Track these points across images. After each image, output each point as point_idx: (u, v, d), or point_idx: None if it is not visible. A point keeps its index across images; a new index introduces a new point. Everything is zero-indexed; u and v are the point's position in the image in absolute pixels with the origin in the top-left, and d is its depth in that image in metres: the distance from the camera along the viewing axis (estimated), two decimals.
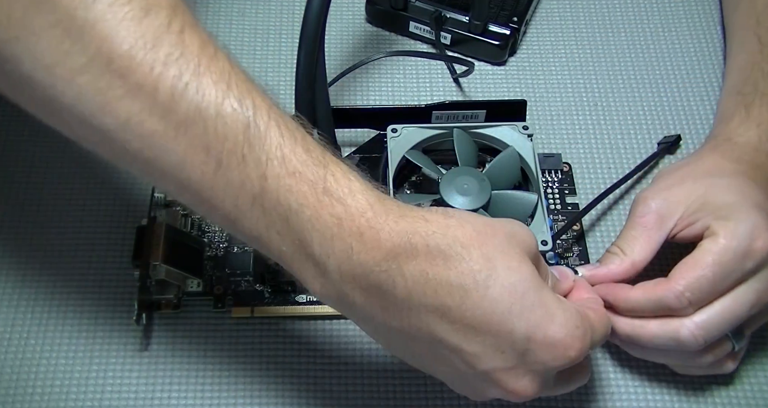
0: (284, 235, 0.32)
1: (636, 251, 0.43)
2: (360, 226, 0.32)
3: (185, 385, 0.45)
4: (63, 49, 0.29)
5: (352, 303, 0.34)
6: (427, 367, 0.37)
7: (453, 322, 0.33)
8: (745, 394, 0.46)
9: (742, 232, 0.40)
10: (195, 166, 0.31)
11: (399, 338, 0.35)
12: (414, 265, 0.32)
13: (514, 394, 0.35)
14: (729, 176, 0.44)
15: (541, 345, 0.34)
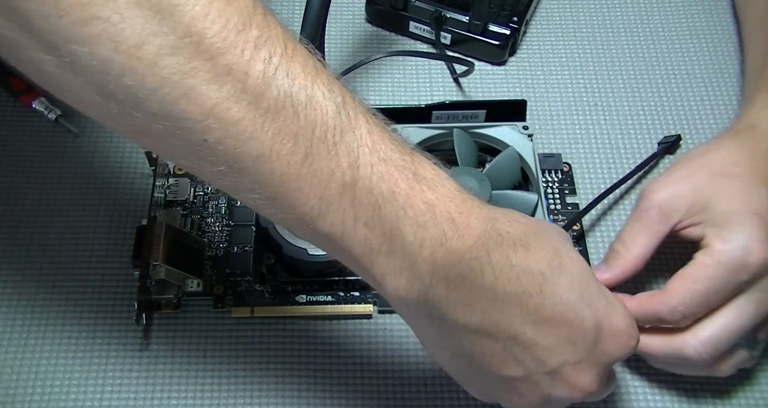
0: (373, 226, 0.31)
1: (638, 246, 0.44)
2: (451, 212, 0.31)
3: (185, 385, 0.45)
4: (150, 28, 0.26)
5: (433, 299, 0.32)
6: (482, 377, 0.36)
7: (530, 313, 0.33)
8: (745, 394, 0.46)
9: (736, 246, 0.40)
10: (281, 157, 0.29)
11: (468, 341, 0.34)
12: (500, 252, 0.32)
13: (580, 391, 0.35)
14: (738, 176, 0.43)
15: (608, 334, 0.35)
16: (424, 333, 0.35)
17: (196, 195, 0.51)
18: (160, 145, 0.30)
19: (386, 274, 0.32)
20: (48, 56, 0.27)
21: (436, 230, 0.31)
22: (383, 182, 0.30)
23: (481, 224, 0.32)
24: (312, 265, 0.46)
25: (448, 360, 0.36)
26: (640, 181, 0.54)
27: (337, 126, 0.30)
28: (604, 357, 0.35)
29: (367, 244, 0.31)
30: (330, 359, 0.46)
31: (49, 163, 0.53)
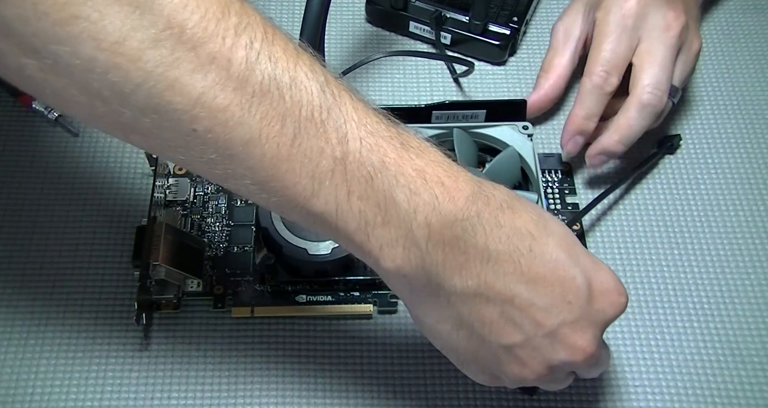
0: (366, 198, 0.31)
1: (555, 64, 0.54)
2: (440, 176, 0.32)
3: (185, 385, 0.45)
4: (130, 23, 0.26)
5: (430, 265, 0.33)
6: (483, 349, 0.36)
7: (523, 272, 0.34)
8: (745, 394, 0.46)
9: (612, 6, 0.50)
10: (270, 139, 0.29)
11: (467, 308, 0.34)
12: (488, 212, 0.33)
13: (581, 352, 0.35)
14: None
15: (599, 291, 0.35)
16: (422, 309, 0.36)
17: (196, 195, 0.51)
18: (149, 140, 0.30)
19: (383, 246, 0.32)
20: (29, 60, 0.27)
21: (428, 194, 0.32)
22: (373, 154, 0.31)
23: (469, 186, 0.33)
24: (312, 265, 0.46)
25: (447, 334, 0.36)
26: (640, 181, 0.54)
27: (323, 104, 0.30)
28: (599, 315, 0.36)
29: (362, 218, 0.32)
30: (330, 359, 0.46)
31: (49, 163, 0.53)
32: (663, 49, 0.49)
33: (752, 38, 0.61)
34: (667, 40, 0.49)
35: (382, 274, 0.34)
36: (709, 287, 0.50)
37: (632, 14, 0.50)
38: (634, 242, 0.51)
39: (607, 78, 0.49)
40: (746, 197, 0.53)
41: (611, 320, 0.36)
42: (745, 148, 0.55)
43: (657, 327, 0.48)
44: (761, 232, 0.52)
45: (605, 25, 0.50)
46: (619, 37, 0.50)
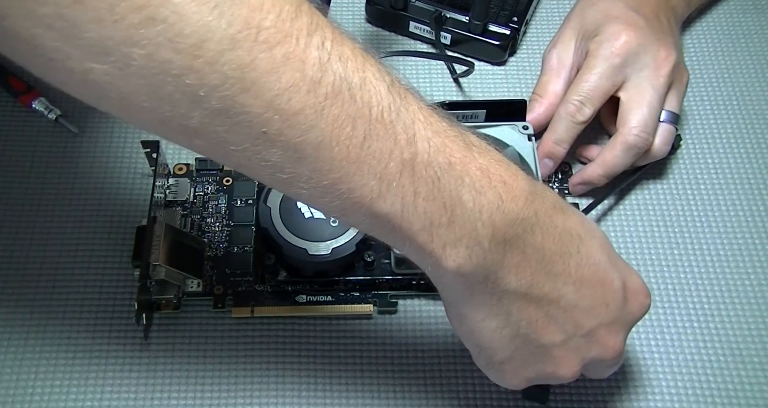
0: (433, 198, 0.31)
1: (549, 91, 0.54)
2: (502, 175, 0.33)
3: (185, 385, 0.45)
4: (208, 25, 0.25)
5: (490, 264, 0.33)
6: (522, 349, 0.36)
7: (571, 273, 0.35)
8: (745, 394, 0.46)
9: (604, 41, 0.51)
10: (341, 142, 0.29)
11: (516, 307, 0.35)
12: (544, 212, 0.34)
13: (612, 350, 0.37)
14: (598, 3, 0.54)
15: (631, 293, 0.37)
16: (470, 307, 0.35)
17: (196, 195, 0.51)
18: (214, 146, 0.29)
19: (446, 245, 0.32)
20: (97, 64, 0.26)
21: (492, 194, 0.32)
22: (440, 154, 0.31)
23: (528, 185, 0.33)
24: (312, 265, 0.46)
25: (491, 332, 0.36)
26: (640, 181, 0.54)
27: (392, 104, 0.30)
28: (630, 316, 0.38)
29: (428, 218, 0.31)
30: (330, 359, 0.46)
31: (49, 163, 0.53)
32: (651, 91, 0.50)
33: (752, 38, 0.61)
34: (657, 80, 0.50)
35: (437, 274, 0.34)
36: (709, 287, 0.50)
37: (622, 52, 0.50)
38: (634, 242, 0.51)
39: (581, 108, 0.50)
40: (746, 197, 0.53)
41: (638, 320, 0.38)
42: (745, 148, 0.55)
43: (657, 327, 0.48)
44: (761, 232, 0.52)
45: (594, 58, 0.51)
46: (604, 71, 0.50)
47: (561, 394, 0.45)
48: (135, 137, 0.54)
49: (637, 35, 0.50)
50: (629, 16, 0.52)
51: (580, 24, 0.54)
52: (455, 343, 0.47)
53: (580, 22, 0.54)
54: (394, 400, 0.45)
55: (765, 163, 0.55)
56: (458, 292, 0.35)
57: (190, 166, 0.52)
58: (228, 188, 0.51)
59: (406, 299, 0.48)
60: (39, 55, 0.26)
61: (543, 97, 0.54)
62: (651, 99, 0.50)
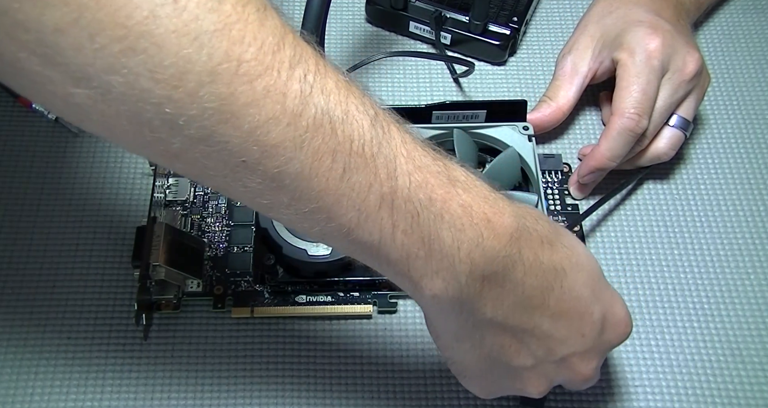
0: (411, 233, 0.31)
1: (560, 96, 0.53)
2: (486, 213, 0.32)
3: (185, 385, 0.45)
4: (189, 56, 0.25)
5: (467, 296, 0.33)
6: (492, 369, 0.37)
7: (550, 307, 0.35)
8: (745, 394, 0.46)
9: (636, 47, 0.50)
10: (320, 174, 0.29)
11: (490, 334, 0.35)
12: (529, 249, 0.34)
13: (583, 378, 0.38)
14: (615, 11, 0.53)
15: (610, 324, 0.37)
16: (445, 327, 0.36)
17: (196, 195, 0.51)
18: (194, 169, 0.29)
19: (423, 277, 0.32)
20: (77, 90, 0.26)
21: (473, 232, 0.32)
22: (421, 190, 0.31)
23: (513, 222, 0.33)
24: (312, 265, 0.46)
25: (463, 352, 0.37)
26: (641, 184, 0.54)
27: (374, 138, 0.30)
28: (606, 345, 0.38)
29: (405, 250, 0.31)
30: (330, 359, 0.46)
31: (49, 163, 0.53)
32: (667, 95, 0.50)
33: (752, 38, 0.61)
34: (676, 83, 0.50)
35: (415, 296, 0.34)
36: (709, 287, 0.50)
37: (658, 55, 0.49)
38: (635, 242, 0.51)
39: (639, 120, 0.49)
40: (746, 197, 0.53)
41: (613, 348, 0.39)
42: (745, 149, 0.55)
43: (657, 327, 0.48)
44: (761, 232, 0.52)
45: (632, 65, 0.50)
46: (648, 77, 0.49)
47: (561, 395, 0.46)
48: None
49: (666, 38, 0.50)
50: (653, 19, 0.51)
51: (600, 32, 0.53)
52: None
53: (600, 29, 0.53)
54: (394, 400, 0.45)
55: (765, 163, 0.55)
56: (435, 314, 0.36)
57: None
58: None
59: (406, 299, 0.48)
60: (23, 77, 0.26)
61: (553, 101, 0.53)
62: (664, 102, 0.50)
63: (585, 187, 0.52)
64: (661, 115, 0.50)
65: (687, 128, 0.52)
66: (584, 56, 0.53)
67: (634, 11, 0.52)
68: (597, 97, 0.57)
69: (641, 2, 0.53)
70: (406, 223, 0.31)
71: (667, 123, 0.51)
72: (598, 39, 0.53)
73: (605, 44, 0.52)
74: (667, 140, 0.51)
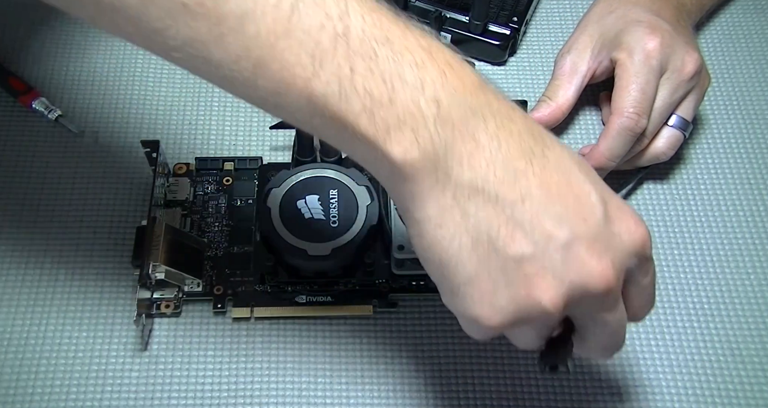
0: (371, 74, 0.29)
1: (559, 96, 0.54)
2: (448, 59, 0.31)
3: (185, 385, 0.45)
4: None
5: (438, 149, 0.30)
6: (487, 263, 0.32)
7: (535, 173, 0.31)
8: (745, 394, 0.46)
9: (634, 46, 0.50)
10: (266, 13, 0.28)
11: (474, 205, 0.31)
12: (498, 103, 0.31)
13: (596, 274, 0.31)
14: (615, 11, 0.53)
15: (616, 215, 0.32)
16: (424, 211, 0.32)
17: (196, 195, 0.51)
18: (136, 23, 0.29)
19: (390, 129, 0.30)
20: None
21: (435, 70, 0.30)
22: (377, 29, 0.30)
23: (477, 75, 0.31)
24: (312, 266, 0.46)
25: (448, 242, 0.32)
26: (641, 184, 0.54)
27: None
28: (618, 242, 0.32)
29: (367, 96, 0.30)
30: (330, 359, 0.46)
31: (49, 163, 0.53)
32: (665, 95, 0.50)
33: (752, 38, 0.61)
34: (675, 83, 0.50)
35: (388, 173, 0.32)
36: (709, 287, 0.50)
37: (657, 55, 0.49)
38: None
39: (638, 120, 0.49)
40: (746, 197, 0.53)
41: (630, 251, 0.33)
42: (745, 149, 0.55)
43: (657, 327, 0.48)
44: (761, 232, 0.52)
45: (631, 65, 0.50)
46: (647, 77, 0.49)
47: (561, 394, 0.46)
48: (135, 137, 0.54)
49: (665, 38, 0.50)
50: (653, 20, 0.51)
51: (599, 31, 0.53)
52: (455, 343, 0.47)
53: (599, 29, 0.53)
54: (394, 400, 0.45)
55: (765, 163, 0.55)
56: (411, 192, 0.32)
57: (190, 166, 0.52)
58: (228, 188, 0.51)
59: (406, 299, 0.48)
60: None
61: (552, 100, 0.53)
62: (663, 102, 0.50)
63: None
64: (661, 114, 0.50)
65: (686, 128, 0.52)
66: (583, 56, 0.53)
67: (634, 11, 0.52)
68: (596, 97, 0.57)
69: (641, 2, 0.53)
70: (364, 65, 0.29)
71: (666, 123, 0.51)
72: (597, 38, 0.53)
73: (604, 44, 0.52)
74: (665, 140, 0.51)
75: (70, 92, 0.56)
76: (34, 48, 0.58)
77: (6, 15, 0.59)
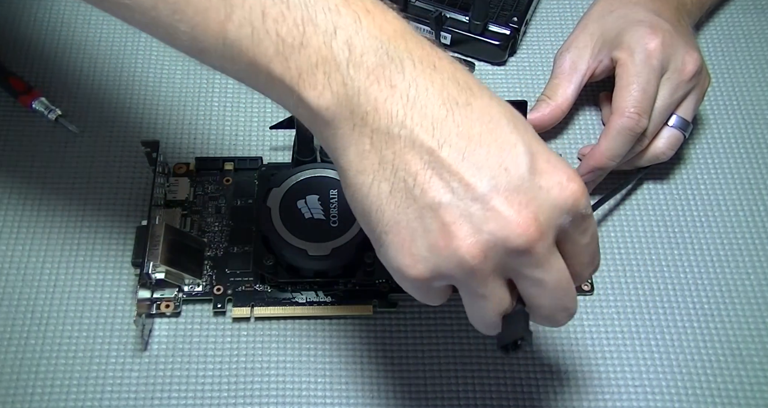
0: (283, 18, 0.30)
1: (558, 94, 0.53)
2: (366, 5, 0.31)
3: (185, 385, 0.45)
4: None
5: (353, 92, 0.30)
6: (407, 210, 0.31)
7: (457, 123, 0.31)
8: (745, 394, 0.46)
9: (635, 46, 0.50)
10: None
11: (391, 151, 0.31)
12: (422, 51, 0.31)
13: (514, 224, 0.30)
14: (616, 10, 0.53)
15: (544, 167, 0.31)
16: (345, 157, 0.32)
17: (196, 195, 0.51)
18: None
19: (302, 73, 0.30)
20: None
21: (350, 16, 0.30)
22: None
23: (400, 22, 0.31)
24: (312, 265, 0.46)
25: (368, 188, 0.32)
26: (641, 184, 0.54)
27: None
28: (542, 194, 0.31)
29: (280, 39, 0.30)
30: (330, 359, 0.46)
31: (49, 163, 0.53)
32: (666, 95, 0.50)
33: (752, 38, 0.61)
34: (675, 83, 0.50)
35: (307, 118, 0.32)
36: (709, 287, 0.50)
37: (657, 55, 0.49)
38: (634, 242, 0.51)
39: (639, 120, 0.49)
40: (746, 197, 0.53)
41: (560, 206, 0.31)
42: (745, 149, 0.55)
43: (657, 327, 0.48)
44: (761, 232, 0.52)
45: (632, 65, 0.50)
46: (647, 77, 0.49)
47: (561, 394, 0.46)
48: (135, 137, 0.54)
49: (665, 38, 0.50)
50: (653, 19, 0.51)
51: (600, 30, 0.53)
52: (455, 343, 0.47)
53: (599, 28, 0.53)
54: (394, 400, 0.45)
55: (765, 163, 0.55)
56: (333, 138, 0.32)
57: (190, 166, 0.52)
58: (228, 188, 0.51)
59: (406, 299, 0.48)
60: None
61: (551, 99, 0.53)
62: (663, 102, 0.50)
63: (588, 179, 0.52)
64: (661, 114, 0.50)
65: (686, 128, 0.52)
66: (583, 54, 0.53)
67: (635, 11, 0.52)
68: (596, 97, 0.57)
69: (642, 2, 0.53)
70: (276, 10, 0.30)
71: (667, 123, 0.51)
72: (597, 37, 0.53)
73: (605, 43, 0.52)
74: (665, 140, 0.51)
75: (70, 92, 0.56)
76: (34, 48, 0.58)
77: (6, 15, 0.59)
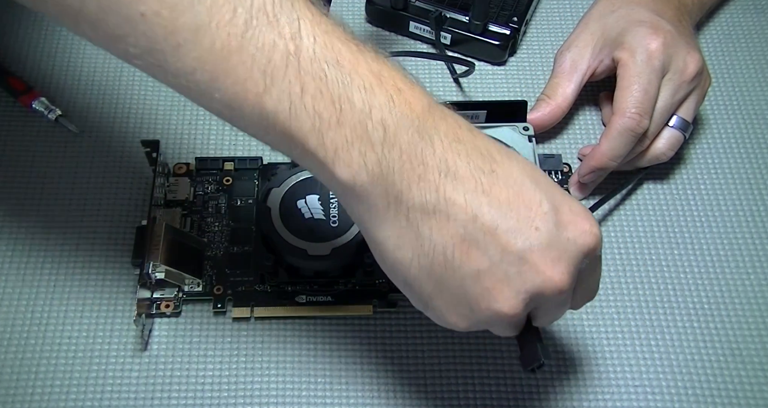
0: (320, 96, 0.30)
1: (558, 94, 0.53)
2: (397, 83, 0.32)
3: (185, 385, 0.45)
4: None
5: (387, 173, 0.31)
6: (447, 279, 0.33)
7: (485, 192, 0.32)
8: (745, 394, 0.46)
9: (637, 47, 0.50)
10: (221, 28, 0.29)
11: (428, 227, 0.32)
12: (446, 125, 0.32)
13: (552, 281, 0.33)
14: (617, 10, 0.53)
15: (568, 220, 0.33)
16: (381, 232, 0.33)
17: (196, 195, 0.51)
18: (97, 29, 0.30)
19: (338, 149, 0.31)
20: None
21: (384, 96, 0.31)
22: (327, 51, 0.31)
23: (426, 99, 0.32)
24: (312, 265, 0.46)
25: (408, 263, 0.33)
26: (641, 184, 0.54)
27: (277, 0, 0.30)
28: (571, 245, 0.33)
29: (317, 115, 0.31)
30: (330, 359, 0.46)
31: (49, 163, 0.53)
32: (667, 95, 0.50)
33: (752, 38, 0.61)
34: (677, 83, 0.50)
35: (339, 191, 0.33)
36: (709, 287, 0.50)
37: (659, 55, 0.49)
38: (634, 242, 0.51)
39: (641, 120, 0.49)
40: (746, 197, 0.53)
41: (584, 253, 0.34)
42: (745, 149, 0.55)
43: (657, 327, 0.48)
44: (761, 232, 0.52)
45: (633, 65, 0.50)
46: (649, 77, 0.49)
47: (561, 394, 0.46)
48: (135, 137, 0.54)
49: (667, 39, 0.50)
50: (655, 20, 0.51)
51: (601, 30, 0.53)
52: (455, 343, 0.47)
53: (600, 28, 0.53)
54: (394, 400, 0.45)
55: (765, 163, 0.55)
56: (366, 212, 0.33)
57: (190, 166, 0.52)
58: (228, 188, 0.51)
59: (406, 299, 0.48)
60: None
61: (551, 98, 0.53)
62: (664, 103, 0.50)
63: (585, 187, 0.52)
64: (662, 115, 0.50)
65: (686, 129, 0.52)
66: (584, 54, 0.53)
67: (636, 11, 0.52)
68: (597, 97, 0.57)
69: (643, 2, 0.53)
70: (314, 86, 0.30)
71: (667, 124, 0.51)
72: (598, 37, 0.53)
73: (606, 43, 0.52)
74: (665, 141, 0.51)
75: (70, 92, 0.56)
76: (34, 48, 0.58)
77: (6, 15, 0.59)
